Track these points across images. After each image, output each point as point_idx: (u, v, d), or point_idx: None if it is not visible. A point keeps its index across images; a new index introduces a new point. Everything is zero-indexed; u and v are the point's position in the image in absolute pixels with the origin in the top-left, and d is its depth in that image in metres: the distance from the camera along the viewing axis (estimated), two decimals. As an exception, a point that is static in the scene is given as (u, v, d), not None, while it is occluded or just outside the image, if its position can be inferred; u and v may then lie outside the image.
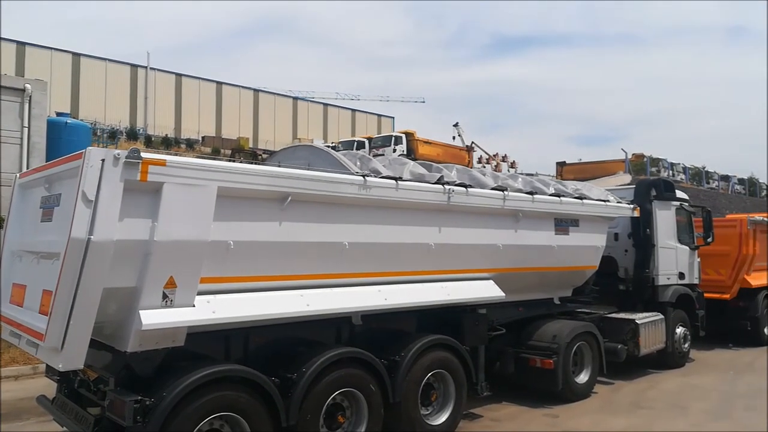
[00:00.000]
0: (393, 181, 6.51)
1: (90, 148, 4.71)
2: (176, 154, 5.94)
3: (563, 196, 8.78)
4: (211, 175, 5.09)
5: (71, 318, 4.51)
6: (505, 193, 7.73)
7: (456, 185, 7.17)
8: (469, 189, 7.31)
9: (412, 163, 7.26)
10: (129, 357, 4.91)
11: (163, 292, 4.88)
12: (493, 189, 7.67)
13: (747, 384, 10.02)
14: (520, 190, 8.10)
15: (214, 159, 7.57)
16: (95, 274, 4.52)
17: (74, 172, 4.72)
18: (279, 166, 6.43)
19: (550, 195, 8.58)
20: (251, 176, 5.41)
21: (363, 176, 6.23)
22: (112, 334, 5.00)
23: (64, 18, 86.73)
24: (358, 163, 6.62)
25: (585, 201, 9.10)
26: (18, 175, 6.39)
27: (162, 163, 4.83)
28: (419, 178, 6.94)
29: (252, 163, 8.01)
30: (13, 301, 5.79)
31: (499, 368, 8.53)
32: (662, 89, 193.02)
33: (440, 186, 7.00)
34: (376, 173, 6.49)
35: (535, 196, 8.21)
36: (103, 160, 4.57)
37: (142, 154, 4.74)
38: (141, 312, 4.76)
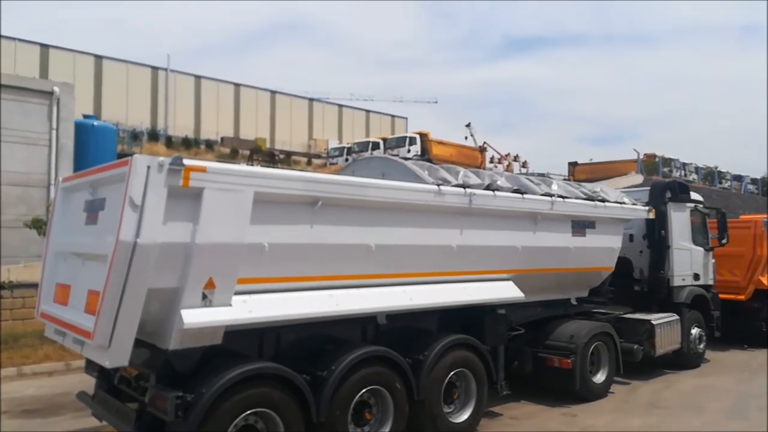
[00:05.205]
0: (463, 190, 7.11)
1: (136, 155, 4.98)
2: (219, 160, 6.26)
3: (594, 200, 9.11)
4: (248, 181, 5.34)
5: (118, 317, 4.74)
6: (553, 198, 8.29)
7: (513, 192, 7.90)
8: (525, 195, 7.95)
9: (463, 170, 7.82)
10: (170, 354, 5.15)
11: (203, 293, 5.12)
12: (542, 195, 8.28)
13: (761, 385, 10.11)
14: (560, 196, 8.55)
15: (251, 164, 7.97)
16: (141, 275, 4.76)
17: (120, 177, 4.97)
18: (353, 175, 6.91)
19: (585, 199, 8.93)
20: (285, 181, 5.66)
21: (438, 185, 6.84)
22: (154, 332, 5.22)
23: (87, 21, 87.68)
24: (426, 172, 7.09)
25: (606, 204, 9.31)
26: (61, 179, 6.67)
27: (203, 170, 5.08)
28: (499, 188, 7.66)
29: (276, 166, 8.42)
30: (57, 300, 6.05)
31: (518, 367, 8.67)
32: (674, 89, 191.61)
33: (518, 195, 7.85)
34: (447, 182, 7.05)
35: (569, 200, 8.63)
36: (148, 167, 4.81)
37: (185, 161, 4.99)
38: (182, 311, 5.00)
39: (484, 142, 46.00)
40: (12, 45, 43.19)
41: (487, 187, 7.52)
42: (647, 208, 10.47)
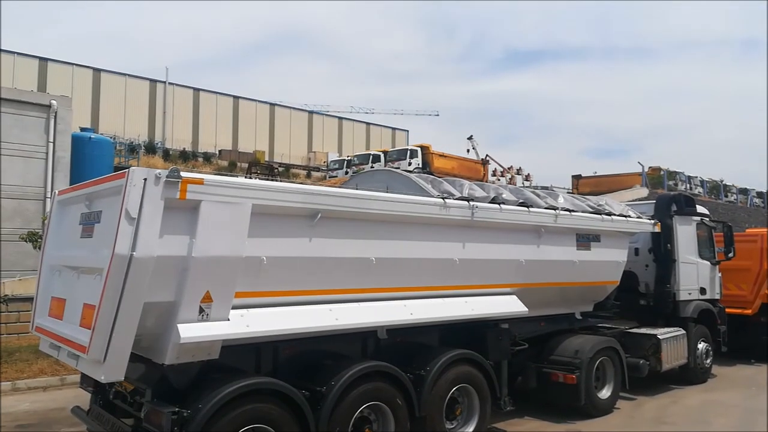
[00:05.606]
0: (467, 203, 7.05)
1: (133, 167, 4.89)
2: (216, 173, 6.16)
3: (600, 213, 9.00)
4: (246, 193, 5.24)
5: (113, 331, 4.63)
6: (557, 211, 8.21)
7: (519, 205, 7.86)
8: (531, 209, 7.91)
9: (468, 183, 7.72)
10: (166, 369, 5.05)
11: (200, 306, 5.02)
12: (546, 208, 8.19)
13: (769, 400, 9.98)
14: (565, 209, 8.48)
15: (249, 176, 7.88)
16: (137, 289, 4.66)
17: (117, 190, 4.88)
18: (356, 188, 6.81)
19: (590, 213, 8.83)
20: (284, 194, 5.56)
21: (442, 198, 6.77)
22: (150, 347, 5.12)
23: (85, 34, 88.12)
24: (430, 185, 7.02)
25: (612, 217, 9.21)
26: (57, 192, 6.57)
27: (200, 182, 4.99)
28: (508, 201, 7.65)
29: (276, 179, 8.35)
30: (52, 314, 5.95)
31: (522, 383, 8.57)
32: (676, 102, 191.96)
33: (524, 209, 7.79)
34: (451, 195, 6.96)
35: (574, 213, 8.54)
36: (145, 180, 4.73)
37: (182, 173, 4.90)
38: (179, 326, 4.89)
39: (486, 155, 46.00)
40: (11, 59, 43.27)
41: (493, 201, 7.46)
42: (653, 221, 10.39)
